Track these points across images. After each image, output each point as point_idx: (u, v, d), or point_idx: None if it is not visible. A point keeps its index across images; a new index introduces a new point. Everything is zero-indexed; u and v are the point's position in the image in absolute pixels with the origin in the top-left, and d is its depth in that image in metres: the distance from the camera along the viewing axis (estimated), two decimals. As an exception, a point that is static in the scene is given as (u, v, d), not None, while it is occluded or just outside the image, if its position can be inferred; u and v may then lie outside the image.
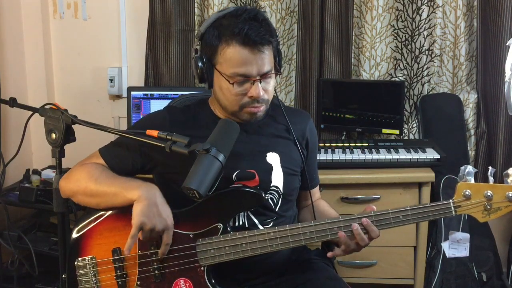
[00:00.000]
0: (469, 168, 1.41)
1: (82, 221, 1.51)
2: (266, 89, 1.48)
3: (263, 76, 1.45)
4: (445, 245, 2.30)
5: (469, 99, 2.65)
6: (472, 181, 1.41)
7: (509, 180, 1.38)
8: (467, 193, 1.39)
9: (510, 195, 1.36)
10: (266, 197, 1.51)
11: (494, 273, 2.47)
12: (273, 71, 1.49)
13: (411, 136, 2.73)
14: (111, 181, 1.46)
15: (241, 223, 1.50)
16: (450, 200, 1.40)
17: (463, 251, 2.27)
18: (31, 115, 1.61)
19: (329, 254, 1.48)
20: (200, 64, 1.48)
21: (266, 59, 1.45)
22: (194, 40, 2.79)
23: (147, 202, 1.38)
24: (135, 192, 1.40)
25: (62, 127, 1.46)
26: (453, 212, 1.40)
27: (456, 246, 2.28)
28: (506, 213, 1.39)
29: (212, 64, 1.48)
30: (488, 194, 1.38)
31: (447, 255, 2.24)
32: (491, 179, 1.41)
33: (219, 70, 1.46)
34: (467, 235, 2.27)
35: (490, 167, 1.46)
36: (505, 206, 1.37)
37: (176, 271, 1.45)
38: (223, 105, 1.51)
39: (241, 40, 1.41)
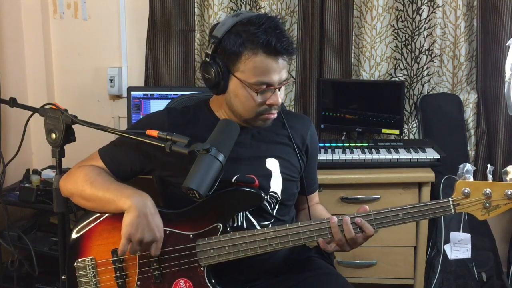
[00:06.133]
0: (468, 166, 1.42)
1: (81, 222, 1.51)
2: (281, 96, 1.49)
3: (282, 83, 1.47)
4: (447, 248, 2.29)
5: (469, 99, 2.65)
6: (471, 179, 1.41)
7: (508, 178, 1.39)
8: (466, 191, 1.39)
9: (509, 193, 1.36)
10: (266, 197, 1.51)
11: (494, 273, 2.47)
12: (289, 78, 1.49)
13: (411, 136, 2.72)
14: (106, 187, 1.45)
15: (239, 223, 1.50)
16: (449, 198, 1.40)
17: (465, 253, 2.26)
18: (31, 115, 1.61)
19: (320, 240, 1.43)
20: (215, 69, 1.44)
21: (286, 68, 1.46)
22: (196, 40, 2.83)
23: (136, 213, 1.38)
24: (126, 202, 1.40)
25: (62, 127, 1.46)
26: (452, 210, 1.40)
27: (458, 248, 2.27)
28: (505, 211, 1.39)
29: (230, 71, 1.45)
30: (487, 192, 1.38)
31: (449, 257, 2.23)
32: (490, 177, 1.41)
33: (240, 78, 1.43)
34: (468, 235, 2.26)
35: (488, 165, 1.46)
36: (504, 204, 1.38)
37: (176, 272, 1.45)
38: (238, 111, 1.49)
39: (269, 50, 1.40)
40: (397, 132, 2.62)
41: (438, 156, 2.34)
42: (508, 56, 2.21)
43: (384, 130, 2.64)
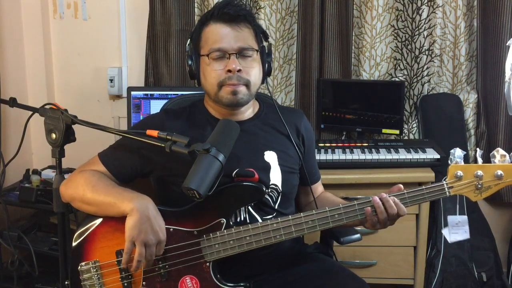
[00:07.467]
0: (458, 151, 1.47)
1: (83, 226, 1.50)
2: (246, 70, 1.49)
3: (241, 52, 1.49)
4: (445, 231, 2.29)
5: (469, 99, 2.66)
6: (462, 162, 1.46)
7: (495, 161, 1.45)
8: (458, 174, 1.44)
9: (499, 173, 1.43)
10: (267, 191, 1.52)
11: (494, 273, 2.47)
12: (252, 50, 1.51)
13: (411, 136, 2.73)
14: (108, 191, 1.45)
15: (242, 218, 1.51)
16: (443, 181, 1.45)
17: (464, 234, 2.26)
18: (31, 115, 1.61)
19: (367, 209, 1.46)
20: (189, 60, 1.54)
21: (243, 35, 1.50)
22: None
23: (139, 215, 1.38)
24: (128, 205, 1.40)
25: (62, 127, 1.47)
26: (447, 193, 1.44)
27: (456, 230, 2.28)
28: (496, 191, 1.45)
29: (198, 54, 1.53)
30: (478, 173, 1.44)
31: (449, 241, 2.23)
32: (479, 160, 1.47)
33: (202, 54, 1.52)
34: (465, 217, 2.28)
35: (477, 149, 1.52)
36: (495, 184, 1.44)
37: (181, 269, 1.45)
38: (208, 91, 1.54)
39: (217, 16, 1.49)
40: (397, 132, 2.62)
41: (438, 156, 2.34)
42: (508, 56, 2.22)
43: (384, 130, 2.64)
